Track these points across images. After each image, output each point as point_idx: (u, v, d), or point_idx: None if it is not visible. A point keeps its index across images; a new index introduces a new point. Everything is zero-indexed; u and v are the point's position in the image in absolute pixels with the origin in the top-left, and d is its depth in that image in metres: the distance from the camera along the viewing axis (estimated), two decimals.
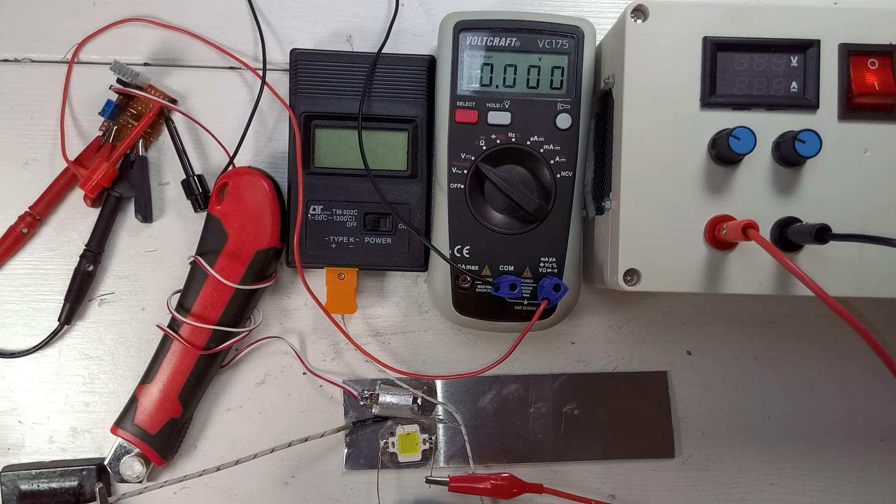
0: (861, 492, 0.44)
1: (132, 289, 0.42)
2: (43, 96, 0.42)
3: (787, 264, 0.30)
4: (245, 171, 0.40)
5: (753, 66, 0.34)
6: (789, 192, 0.34)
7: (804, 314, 0.44)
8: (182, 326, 0.39)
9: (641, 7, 0.34)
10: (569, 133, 0.38)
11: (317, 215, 0.40)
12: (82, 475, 0.40)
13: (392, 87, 0.40)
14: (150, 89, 0.42)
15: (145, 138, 0.42)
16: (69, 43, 0.42)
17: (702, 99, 0.34)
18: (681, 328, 0.44)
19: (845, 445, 0.44)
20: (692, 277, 0.34)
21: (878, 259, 0.33)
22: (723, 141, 0.33)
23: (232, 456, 0.41)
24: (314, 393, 0.42)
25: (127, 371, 0.42)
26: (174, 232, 0.42)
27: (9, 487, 0.40)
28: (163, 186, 0.43)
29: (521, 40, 0.38)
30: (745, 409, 0.44)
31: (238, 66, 0.43)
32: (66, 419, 0.42)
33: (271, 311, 0.43)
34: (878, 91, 0.33)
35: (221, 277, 0.39)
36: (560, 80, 0.39)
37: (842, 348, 0.44)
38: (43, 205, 0.41)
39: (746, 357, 0.44)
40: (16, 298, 0.42)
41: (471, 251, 0.39)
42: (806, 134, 0.32)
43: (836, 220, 0.33)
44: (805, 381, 0.44)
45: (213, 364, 0.41)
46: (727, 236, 0.33)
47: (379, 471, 0.42)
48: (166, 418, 0.39)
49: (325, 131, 0.41)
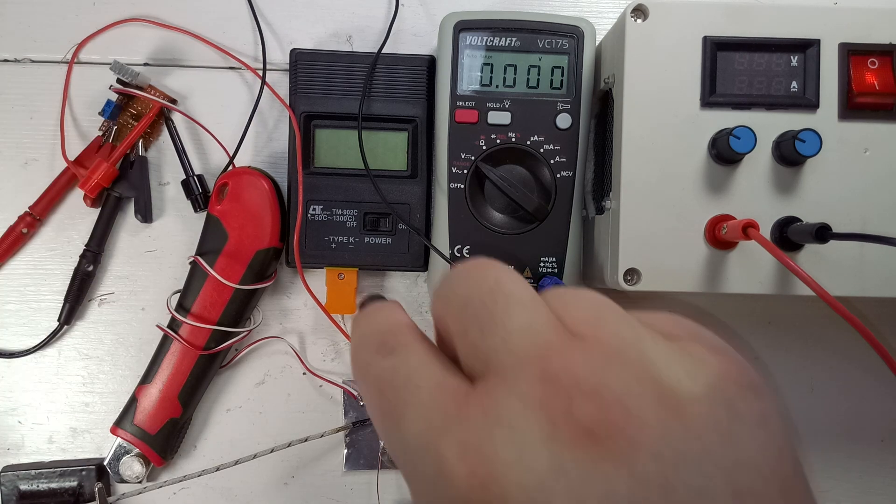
0: (861, 492, 0.44)
1: (132, 289, 0.42)
2: (43, 96, 0.42)
3: (788, 263, 0.30)
4: (245, 171, 0.40)
5: (753, 66, 0.34)
6: (789, 191, 0.34)
7: (804, 314, 0.44)
8: (182, 326, 0.39)
9: (641, 7, 0.34)
10: (569, 133, 0.38)
11: (317, 215, 0.40)
12: (82, 475, 0.40)
13: (392, 87, 0.40)
14: (150, 89, 0.42)
15: (145, 138, 0.42)
16: (69, 43, 0.42)
17: (702, 98, 0.34)
18: None
19: (845, 445, 0.44)
20: (692, 277, 0.34)
21: (879, 259, 0.33)
22: (723, 140, 0.33)
23: (232, 456, 0.41)
24: (314, 393, 0.42)
25: (127, 371, 0.42)
26: (174, 232, 0.42)
27: (8, 487, 0.40)
28: (163, 186, 0.43)
29: (521, 40, 0.39)
30: None
31: (238, 66, 0.43)
32: (66, 419, 0.42)
33: (271, 311, 0.43)
34: (878, 91, 0.33)
35: (221, 277, 0.39)
36: (560, 80, 0.39)
37: (842, 348, 0.44)
38: (43, 205, 0.41)
39: (746, 357, 0.44)
40: (15, 298, 0.42)
41: (471, 251, 0.39)
42: (806, 133, 0.32)
43: (836, 219, 0.33)
44: (805, 381, 0.44)
45: (213, 364, 0.40)
46: (727, 236, 0.33)
47: (379, 471, 0.42)
48: (166, 418, 0.39)
49: (325, 131, 0.41)
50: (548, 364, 0.16)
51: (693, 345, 0.17)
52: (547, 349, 0.16)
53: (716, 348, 0.17)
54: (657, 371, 0.16)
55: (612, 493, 0.14)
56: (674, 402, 0.15)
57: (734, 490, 0.15)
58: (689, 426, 0.15)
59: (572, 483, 0.14)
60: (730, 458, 0.15)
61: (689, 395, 0.15)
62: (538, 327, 0.16)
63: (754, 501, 0.15)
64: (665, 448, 0.15)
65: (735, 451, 0.15)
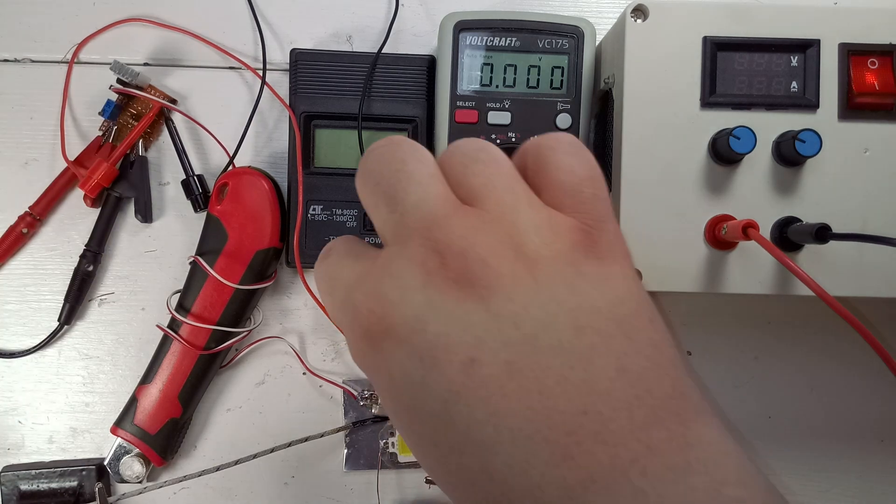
0: (861, 492, 0.44)
1: (132, 289, 0.42)
2: (43, 96, 0.42)
3: (788, 264, 0.30)
4: (245, 171, 0.40)
5: (753, 66, 0.34)
6: (789, 191, 0.34)
7: (804, 314, 0.44)
8: (182, 326, 0.39)
9: (641, 7, 0.34)
10: (569, 133, 0.38)
11: (317, 215, 0.40)
12: (82, 475, 0.40)
13: (392, 87, 0.40)
14: (150, 89, 0.42)
15: (145, 138, 0.42)
16: (69, 43, 0.42)
17: (702, 99, 0.34)
18: (681, 328, 0.44)
19: (845, 445, 0.44)
20: (692, 277, 0.34)
21: (878, 259, 0.33)
22: (723, 141, 0.33)
23: (232, 456, 0.41)
24: (314, 393, 0.42)
25: (127, 371, 0.42)
26: (174, 232, 0.42)
27: (9, 487, 0.40)
28: (163, 186, 0.43)
29: (521, 40, 0.39)
30: (745, 409, 0.44)
31: (238, 66, 0.43)
32: (66, 419, 0.42)
33: (271, 311, 0.43)
34: (878, 91, 0.33)
35: (221, 277, 0.39)
36: (560, 80, 0.39)
37: (842, 348, 0.44)
38: (43, 205, 0.41)
39: (746, 357, 0.44)
40: (15, 298, 0.42)
41: None
42: (806, 134, 0.32)
43: (836, 219, 0.33)
44: (805, 381, 0.44)
45: (213, 364, 0.40)
46: (727, 236, 0.33)
47: (379, 471, 0.42)
48: (166, 418, 0.39)
49: (325, 131, 0.41)
50: (430, 234, 0.20)
51: (561, 217, 0.21)
52: (432, 221, 0.20)
53: (586, 224, 0.21)
54: (521, 237, 0.20)
55: (471, 324, 0.19)
56: (529, 262, 0.20)
57: (575, 325, 0.19)
58: (538, 279, 0.20)
59: (440, 315, 0.19)
60: (573, 302, 0.20)
61: (543, 257, 0.20)
62: (429, 203, 0.21)
63: (592, 332, 0.19)
64: (516, 293, 0.19)
65: (578, 298, 0.20)
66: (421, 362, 0.19)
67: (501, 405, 0.18)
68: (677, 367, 0.20)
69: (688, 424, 0.19)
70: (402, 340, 0.20)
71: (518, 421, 0.18)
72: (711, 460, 0.18)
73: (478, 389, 0.19)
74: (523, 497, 0.18)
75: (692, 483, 0.18)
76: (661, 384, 0.19)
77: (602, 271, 0.21)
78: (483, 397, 0.19)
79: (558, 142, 0.23)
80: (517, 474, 0.18)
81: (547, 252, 0.20)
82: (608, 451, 0.18)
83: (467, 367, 0.19)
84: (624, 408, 0.18)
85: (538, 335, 0.19)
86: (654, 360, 0.20)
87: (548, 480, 0.18)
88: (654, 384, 0.19)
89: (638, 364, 0.19)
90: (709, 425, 0.19)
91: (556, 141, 0.23)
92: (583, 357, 0.19)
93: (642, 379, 0.19)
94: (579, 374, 0.19)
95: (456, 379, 0.19)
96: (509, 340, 0.19)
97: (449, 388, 0.19)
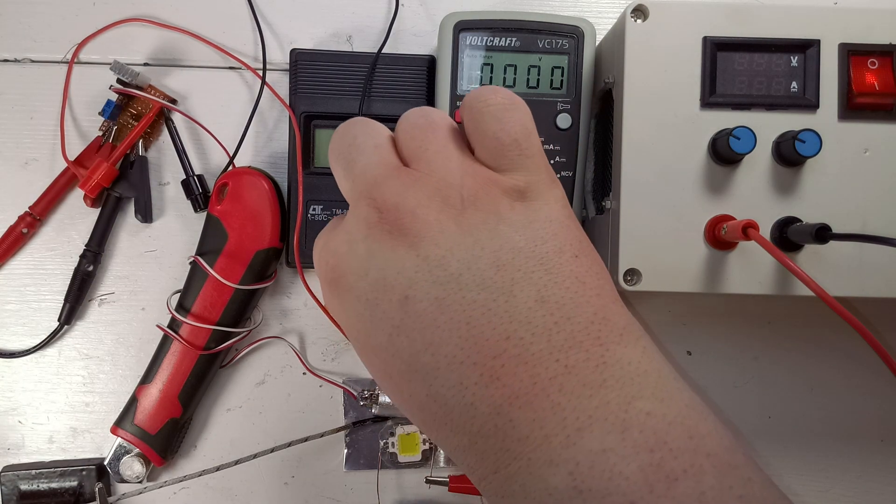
0: (861, 492, 0.44)
1: (132, 289, 0.42)
2: (43, 96, 0.42)
3: (788, 264, 0.30)
4: (245, 171, 0.40)
5: (753, 66, 0.34)
6: (789, 191, 0.34)
7: (804, 314, 0.44)
8: (182, 326, 0.39)
9: (641, 7, 0.34)
10: (569, 133, 0.38)
11: (317, 215, 0.40)
12: (82, 475, 0.40)
13: (392, 87, 0.40)
14: (150, 89, 0.42)
15: (145, 138, 0.42)
16: (69, 43, 0.42)
17: (702, 99, 0.34)
18: (681, 328, 0.44)
19: (845, 445, 0.44)
20: (692, 277, 0.34)
21: (878, 259, 0.33)
22: (723, 141, 0.33)
23: (232, 456, 0.41)
24: (314, 393, 0.42)
25: (127, 371, 0.42)
26: (174, 232, 0.42)
27: (9, 487, 0.40)
28: (163, 186, 0.43)
29: (521, 40, 0.39)
30: (745, 409, 0.44)
31: (238, 66, 0.43)
32: (66, 419, 0.42)
33: (271, 311, 0.43)
34: (878, 91, 0.33)
35: (221, 277, 0.39)
36: (560, 80, 0.39)
37: (842, 348, 0.44)
38: (43, 205, 0.41)
39: (746, 357, 0.44)
40: (15, 298, 0.42)
41: None
42: (806, 134, 0.32)
43: (836, 219, 0.33)
44: (805, 381, 0.44)
45: (213, 364, 0.40)
46: (727, 236, 0.33)
47: (379, 471, 0.42)
48: (166, 418, 0.39)
49: (325, 131, 0.41)
50: (371, 193, 0.24)
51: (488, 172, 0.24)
52: (373, 184, 0.24)
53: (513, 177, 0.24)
54: (447, 190, 0.23)
55: (403, 267, 0.23)
56: (454, 211, 0.23)
57: (496, 263, 0.22)
58: (462, 225, 0.23)
59: (379, 262, 0.23)
60: (495, 244, 0.22)
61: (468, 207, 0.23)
62: (372, 170, 0.25)
63: (513, 269, 0.22)
64: (442, 238, 0.23)
65: (500, 241, 0.23)
66: (367, 303, 0.23)
67: (436, 336, 0.22)
68: (602, 297, 0.23)
69: (607, 346, 0.21)
70: (350, 286, 0.24)
71: (451, 348, 0.21)
72: (627, 377, 0.20)
73: (414, 323, 0.22)
74: (461, 414, 0.21)
75: (605, 397, 0.20)
76: (581, 311, 0.22)
77: (525, 217, 0.23)
78: (420, 329, 0.22)
79: (487, 104, 0.25)
80: (454, 395, 0.21)
81: (471, 203, 0.23)
82: (529, 371, 0.20)
83: (403, 304, 0.22)
84: (543, 333, 0.21)
85: (462, 273, 0.22)
86: (574, 291, 0.22)
87: (479, 398, 0.21)
88: (574, 312, 0.22)
89: (558, 295, 0.22)
90: (631, 346, 0.21)
91: (484, 104, 0.25)
92: (504, 290, 0.22)
93: (562, 307, 0.22)
94: (501, 306, 0.21)
95: (395, 315, 0.22)
96: (438, 279, 0.22)
97: (391, 323, 0.22)
